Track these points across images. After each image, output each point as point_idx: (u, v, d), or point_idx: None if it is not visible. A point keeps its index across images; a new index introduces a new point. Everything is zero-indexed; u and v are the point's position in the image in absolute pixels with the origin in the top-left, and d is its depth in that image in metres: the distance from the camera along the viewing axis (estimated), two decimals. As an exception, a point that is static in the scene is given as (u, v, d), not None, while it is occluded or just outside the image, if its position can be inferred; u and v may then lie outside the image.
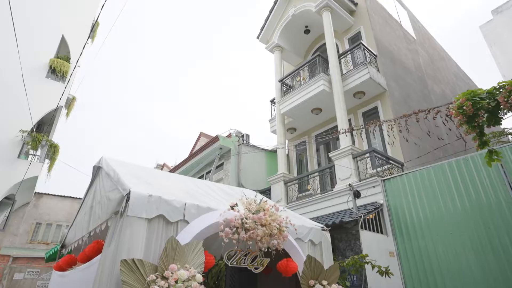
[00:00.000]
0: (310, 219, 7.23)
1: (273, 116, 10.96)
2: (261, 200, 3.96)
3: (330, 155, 7.97)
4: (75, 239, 5.31)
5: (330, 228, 5.05)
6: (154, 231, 3.25)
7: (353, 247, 5.71)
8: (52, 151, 11.77)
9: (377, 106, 8.93)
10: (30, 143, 10.89)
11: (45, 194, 15.13)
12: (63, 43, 13.17)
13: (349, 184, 6.09)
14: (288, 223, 3.99)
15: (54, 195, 15.37)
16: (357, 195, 5.91)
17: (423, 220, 5.97)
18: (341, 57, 9.61)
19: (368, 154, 7.32)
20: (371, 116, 9.12)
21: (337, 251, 5.94)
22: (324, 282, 4.07)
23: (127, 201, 3.20)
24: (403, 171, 7.26)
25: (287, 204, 8.72)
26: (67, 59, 12.70)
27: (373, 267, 5.02)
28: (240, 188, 6.72)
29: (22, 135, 10.97)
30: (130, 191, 3.26)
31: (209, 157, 10.66)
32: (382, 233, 6.29)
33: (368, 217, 6.33)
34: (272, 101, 11.12)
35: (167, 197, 3.52)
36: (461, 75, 16.45)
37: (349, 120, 9.42)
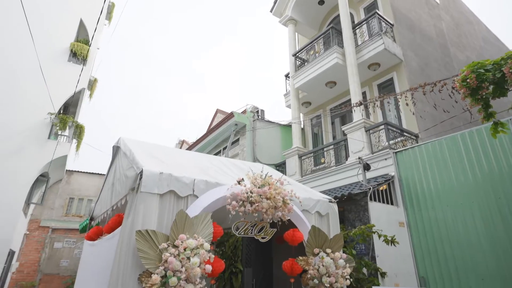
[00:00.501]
0: (323, 191, 7.43)
1: (288, 90, 10.94)
2: (266, 175, 4.16)
3: (343, 129, 7.99)
4: (101, 212, 5.81)
5: (337, 200, 5.22)
6: (166, 205, 3.55)
7: (362, 218, 5.88)
8: (78, 132, 12.45)
9: (392, 78, 8.71)
10: (57, 125, 11.56)
11: (75, 171, 16.17)
12: (81, 27, 13.50)
13: (359, 157, 6.16)
14: (293, 196, 4.20)
15: (83, 172, 16.41)
16: (366, 167, 6.00)
17: (434, 191, 6.00)
18: (356, 28, 9.33)
19: (381, 127, 7.29)
20: (386, 88, 8.94)
21: (347, 222, 6.14)
22: (328, 250, 4.30)
23: (140, 179, 3.49)
24: (417, 143, 7.21)
25: (302, 177, 8.92)
26: (86, 42, 13.07)
27: (379, 236, 5.20)
28: (253, 163, 6.96)
29: (50, 117, 11.64)
30: (142, 169, 3.55)
31: (225, 133, 10.92)
32: (392, 204, 6.40)
33: (380, 188, 6.44)
34: (287, 76, 11.06)
35: (177, 174, 3.79)
36: (491, 39, 15.45)
37: (364, 93, 9.29)
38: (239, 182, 4.05)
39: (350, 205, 6.12)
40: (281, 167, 10.09)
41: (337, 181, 7.70)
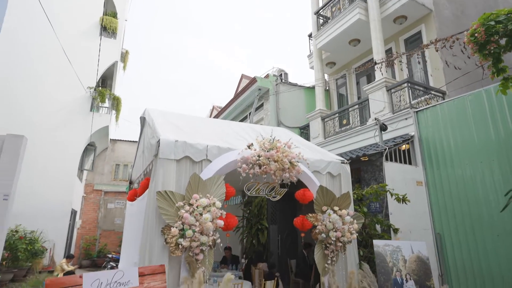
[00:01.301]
0: (344, 152, 7.58)
1: (311, 51, 10.72)
2: (273, 139, 4.43)
3: (364, 89, 7.86)
4: (136, 176, 6.53)
5: (350, 161, 5.39)
6: (182, 169, 4.01)
7: (377, 178, 6.02)
8: (116, 103, 13.38)
9: (420, 31, 8.20)
10: (97, 98, 12.52)
11: (118, 140, 17.60)
12: (108, 0, 13.93)
13: (375, 118, 6.16)
14: (300, 158, 4.47)
15: (125, 140, 17.80)
16: (383, 128, 6.00)
17: (454, 149, 5.91)
18: (381, -22, 8.70)
19: (404, 85, 7.08)
20: (414, 42, 8.46)
21: (363, 181, 6.31)
22: (336, 208, 4.60)
23: (158, 146, 3.95)
24: (444, 100, 6.94)
25: (325, 139, 9.05)
26: (114, 15, 13.53)
27: (391, 195, 5.36)
28: (273, 127, 7.21)
29: (90, 91, 12.60)
30: (160, 138, 3.99)
31: (249, 99, 11.13)
32: (411, 164, 6.41)
33: (402, 148, 6.45)
34: (310, 36, 10.78)
35: (192, 141, 4.19)
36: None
37: (390, 49, 8.89)
38: (249, 147, 4.38)
39: (367, 165, 6.25)
40: (305, 129, 10.23)
41: (359, 142, 7.75)
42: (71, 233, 13.87)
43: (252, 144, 4.40)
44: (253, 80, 10.38)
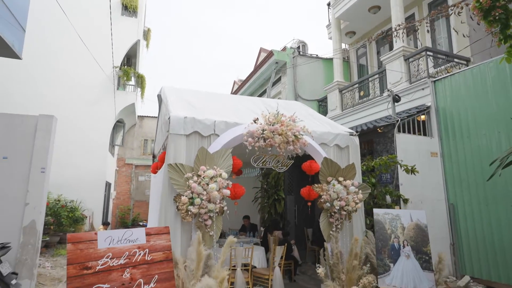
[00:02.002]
0: (360, 124, 7.56)
1: (330, 21, 10.41)
2: (278, 113, 4.58)
3: (381, 59, 7.65)
4: (157, 150, 6.98)
5: (358, 133, 5.44)
6: (192, 143, 4.30)
7: (389, 150, 6.02)
8: (140, 81, 13.89)
9: (445, -7, 7.70)
10: (122, 76, 13.07)
11: (145, 116, 18.38)
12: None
13: (388, 89, 6.06)
14: (305, 131, 4.61)
15: (152, 117, 18.54)
16: (396, 100, 5.92)
17: (471, 119, 5.75)
18: None
19: (422, 53, 6.81)
20: (438, 6, 7.96)
21: (375, 153, 6.34)
22: (340, 179, 4.75)
23: (169, 123, 4.25)
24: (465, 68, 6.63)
25: (342, 111, 9.00)
26: (134, -7, 13.73)
27: (401, 166, 5.39)
28: (285, 101, 7.30)
29: (115, 70, 13.14)
30: (170, 115, 4.28)
31: (267, 73, 11.09)
32: (426, 135, 6.32)
33: (419, 118, 6.35)
34: (329, 5, 10.42)
35: (200, 117, 4.45)
36: None
37: (412, 15, 8.45)
38: (254, 121, 4.57)
39: (379, 137, 6.24)
40: (323, 102, 10.18)
41: (375, 114, 7.65)
42: (107, 203, 15.06)
43: (257, 118, 4.58)
44: (270, 54, 10.32)
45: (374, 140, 6.35)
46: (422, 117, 6.45)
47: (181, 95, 5.61)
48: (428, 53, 6.61)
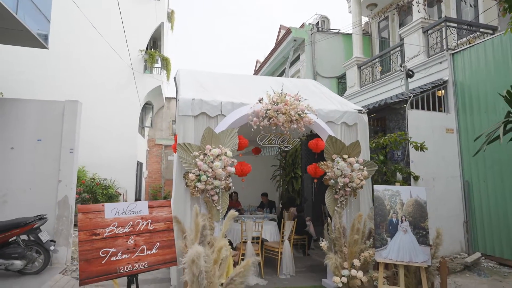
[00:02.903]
0: (377, 101, 7.45)
1: (350, -7, 10.02)
2: (281, 92, 4.70)
3: (399, 32, 7.36)
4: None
5: (367, 110, 5.42)
6: (200, 124, 4.57)
7: (401, 126, 5.94)
8: (165, 64, 14.32)
9: (472, -43, 7.14)
10: (148, 60, 13.55)
11: (172, 98, 19.00)
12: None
13: (400, 64, 5.89)
14: (309, 109, 4.70)
15: (178, 98, 19.15)
16: (409, 75, 5.76)
17: (490, 94, 5.50)
18: None
19: (442, 24, 6.48)
20: (464, -29, 7.42)
21: (388, 130, 6.28)
22: (345, 156, 4.83)
23: (178, 105, 4.53)
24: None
25: (360, 87, 8.84)
26: (156, -24, 13.91)
27: (410, 143, 5.34)
28: (297, 79, 7.33)
29: (141, 53, 13.63)
30: (179, 97, 4.55)
31: (285, 51, 10.99)
32: (443, 111, 6.13)
33: (438, 94, 6.16)
34: (349, -24, 10.00)
35: (207, 98, 4.68)
36: None
37: (436, -17, 7.94)
38: (259, 101, 4.72)
39: (391, 114, 6.15)
40: (342, 79, 10.01)
41: (393, 90, 7.47)
42: (139, 182, 16.07)
43: (262, 98, 4.73)
44: (288, 31, 10.18)
45: (387, 117, 6.28)
46: (440, 92, 6.23)
47: (195, 77, 5.84)
48: (448, 23, 6.27)
